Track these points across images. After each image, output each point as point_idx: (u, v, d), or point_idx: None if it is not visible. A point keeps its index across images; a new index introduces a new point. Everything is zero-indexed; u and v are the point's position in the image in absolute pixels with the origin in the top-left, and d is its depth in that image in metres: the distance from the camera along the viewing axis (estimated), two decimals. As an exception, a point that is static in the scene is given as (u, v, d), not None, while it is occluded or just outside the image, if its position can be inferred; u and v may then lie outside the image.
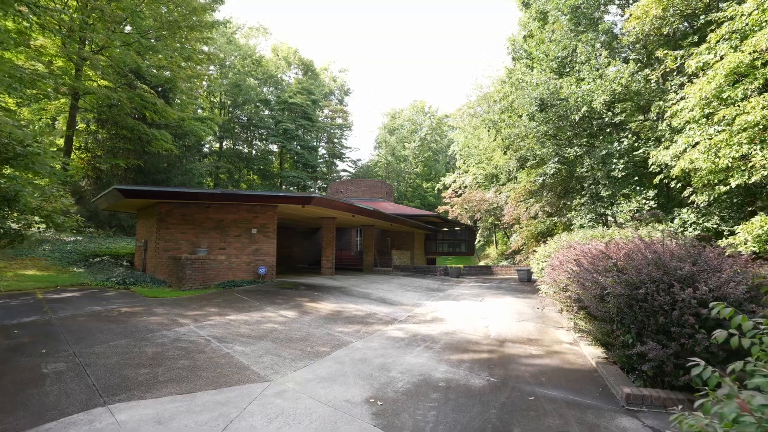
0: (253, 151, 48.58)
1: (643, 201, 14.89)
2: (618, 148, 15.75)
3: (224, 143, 45.59)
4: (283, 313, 8.21)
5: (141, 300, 8.92)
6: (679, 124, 12.17)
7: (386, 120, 62.73)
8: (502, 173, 28.06)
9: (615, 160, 15.65)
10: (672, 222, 13.63)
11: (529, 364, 5.26)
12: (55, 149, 22.06)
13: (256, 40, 49.85)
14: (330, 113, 54.31)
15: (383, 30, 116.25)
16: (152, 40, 20.20)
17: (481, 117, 26.07)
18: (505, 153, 22.94)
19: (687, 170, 11.16)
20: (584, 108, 16.11)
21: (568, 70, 19.07)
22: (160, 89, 22.48)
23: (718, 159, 9.76)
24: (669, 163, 12.42)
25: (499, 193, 30.22)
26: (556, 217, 21.62)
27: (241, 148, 48.05)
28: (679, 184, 12.96)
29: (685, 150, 11.35)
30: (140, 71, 18.87)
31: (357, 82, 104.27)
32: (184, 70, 20.93)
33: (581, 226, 16.82)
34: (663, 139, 13.86)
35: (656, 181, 13.65)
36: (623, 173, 15.44)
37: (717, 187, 10.49)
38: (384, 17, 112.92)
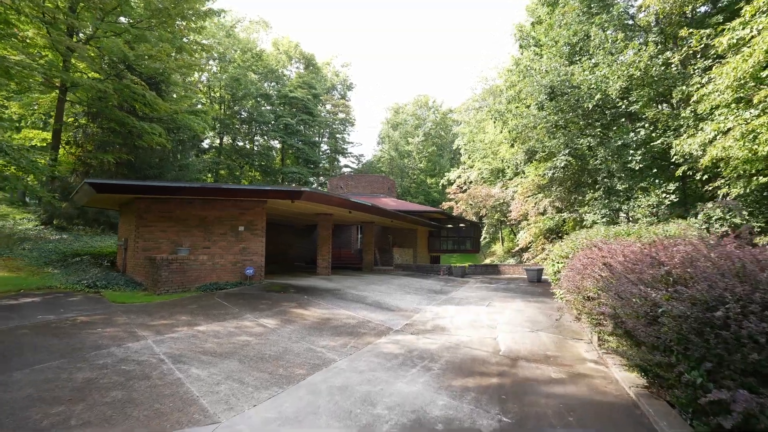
0: (255, 147, 47.67)
1: (663, 195, 13.78)
2: (634, 138, 14.57)
3: (224, 139, 44.68)
4: (263, 322, 7.22)
5: (106, 306, 7.96)
6: (705, 110, 11.03)
7: (389, 115, 61.60)
8: (508, 167, 26.95)
9: (632, 151, 14.50)
10: (696, 217, 12.48)
11: (550, 395, 4.22)
12: (45, 144, 21.35)
13: (257, 34, 48.80)
14: (332, 108, 53.26)
15: (386, 26, 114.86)
16: (144, 30, 19.23)
17: (486, 109, 24.91)
18: (512, 146, 21.82)
19: (718, 160, 10.04)
20: (598, 96, 14.98)
21: (578, 58, 17.87)
22: (152, 81, 21.55)
23: (756, 146, 8.64)
24: (695, 153, 11.30)
25: (506, 189, 29.10)
26: (566, 213, 20.50)
27: (242, 144, 47.16)
28: (705, 176, 11.85)
29: (714, 137, 10.22)
30: (127, 60, 17.86)
31: (360, 77, 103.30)
32: (176, 60, 19.93)
33: (594, 223, 15.75)
34: (686, 128, 12.70)
35: (679, 172, 12.53)
36: (641, 165, 14.30)
37: (755, 177, 9.35)
38: (386, 13, 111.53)
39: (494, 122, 22.31)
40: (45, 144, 21.25)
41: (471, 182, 36.62)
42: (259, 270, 11.73)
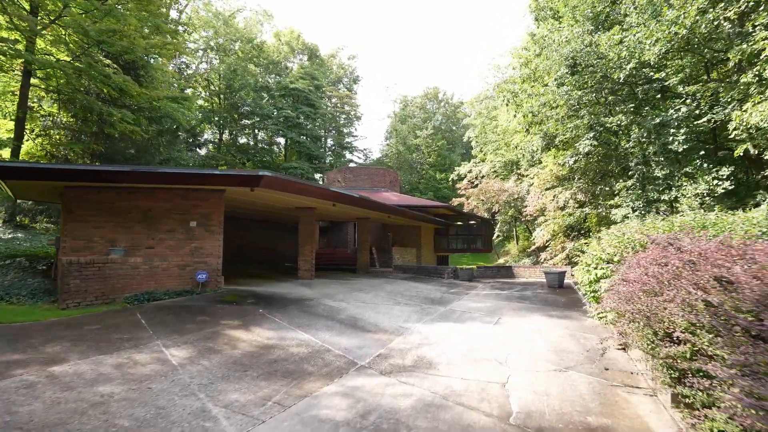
0: (259, 144, 45.79)
1: (715, 182, 11.25)
2: (675, 116, 12.06)
3: (225, 134, 42.91)
4: (169, 354, 5.04)
5: (-32, 328, 5.87)
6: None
7: (397, 108, 59.25)
8: (523, 156, 24.39)
9: (673, 131, 11.99)
10: (759, 207, 9.94)
11: None
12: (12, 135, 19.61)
13: (260, 26, 46.87)
14: (337, 101, 51.01)
15: (394, 17, 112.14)
16: (114, 5, 17.26)
17: (498, 88, 22.27)
18: (527, 131, 19.34)
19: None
20: (630, 64, 12.50)
21: (600, 33, 15.31)
22: (129, 67, 19.72)
23: None
24: (763, 125, 8.83)
25: (520, 182, 26.57)
26: (588, 208, 18.01)
27: (245, 140, 45.36)
28: (774, 156, 9.37)
29: (799, 100, 7.75)
30: (88, 36, 15.81)
31: (367, 70, 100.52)
32: (147, 39, 17.83)
33: (625, 217, 13.28)
34: (745, 97, 10.19)
35: (739, 151, 10.03)
36: (684, 147, 11.78)
37: None
38: (395, 4, 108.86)
39: (507, 105, 19.85)
40: (12, 135, 19.58)
41: (483, 177, 34.17)
42: (215, 274, 9.56)
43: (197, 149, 35.55)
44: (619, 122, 13.22)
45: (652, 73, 12.75)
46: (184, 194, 9.47)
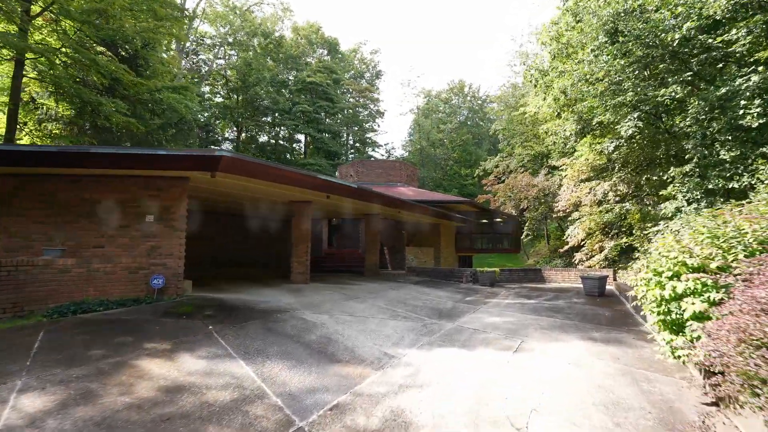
0: (280, 141, 44.71)
1: (803, 164, 8.88)
2: (745, 85, 9.73)
3: (243, 131, 42.02)
4: (8, 408, 3.37)
5: None
6: None
7: (421, 102, 57.11)
8: (554, 147, 21.98)
9: (743, 102, 9.64)
10: None
11: None
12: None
13: (282, 23, 45.87)
14: (358, 95, 49.32)
15: (409, 10, 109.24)
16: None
17: (526, 70, 19.84)
18: (558, 116, 17.06)
19: None
20: (689, 23, 10.25)
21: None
22: (126, 57, 18.72)
23: None
24: None
25: (551, 176, 24.17)
26: (629, 202, 15.61)
27: (267, 137, 44.37)
28: None
29: None
30: (71, 16, 14.68)
31: (388, 65, 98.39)
32: (142, 23, 16.62)
33: (678, 210, 11.00)
34: None
35: None
36: (760, 121, 9.42)
37: None
38: None
39: (535, 87, 17.63)
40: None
41: (510, 171, 31.82)
42: (176, 279, 7.94)
43: (212, 146, 34.63)
44: (672, 94, 10.91)
45: (711, 40, 10.46)
46: (139, 183, 7.92)
